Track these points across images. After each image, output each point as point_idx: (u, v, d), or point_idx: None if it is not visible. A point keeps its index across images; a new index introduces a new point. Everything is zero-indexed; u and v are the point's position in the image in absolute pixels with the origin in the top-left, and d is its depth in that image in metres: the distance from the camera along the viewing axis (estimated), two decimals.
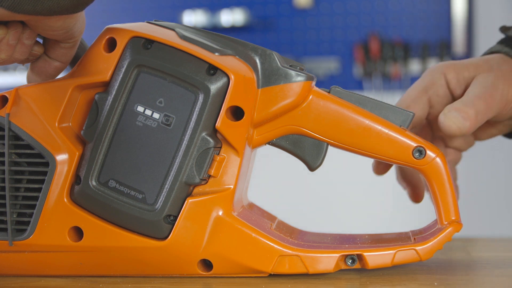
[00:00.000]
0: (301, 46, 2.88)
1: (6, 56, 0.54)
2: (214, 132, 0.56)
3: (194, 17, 2.93)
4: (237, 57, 0.57)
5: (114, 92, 0.56)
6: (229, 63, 0.55)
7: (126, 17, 2.98)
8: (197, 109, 0.55)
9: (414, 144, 0.57)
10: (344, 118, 0.58)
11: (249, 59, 0.57)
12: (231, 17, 2.89)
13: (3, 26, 0.53)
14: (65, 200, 0.57)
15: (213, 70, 0.55)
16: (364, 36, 2.81)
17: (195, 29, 0.58)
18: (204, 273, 0.57)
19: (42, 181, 0.57)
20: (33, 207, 0.57)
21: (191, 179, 0.55)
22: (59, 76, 0.60)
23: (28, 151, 0.57)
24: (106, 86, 0.57)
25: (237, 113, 0.56)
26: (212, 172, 0.56)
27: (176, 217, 0.56)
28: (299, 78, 0.57)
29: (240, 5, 2.90)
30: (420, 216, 0.86)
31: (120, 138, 0.56)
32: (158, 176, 0.55)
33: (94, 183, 0.56)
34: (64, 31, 0.54)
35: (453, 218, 0.57)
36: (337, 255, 0.57)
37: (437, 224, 0.58)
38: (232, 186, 0.56)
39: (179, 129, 0.55)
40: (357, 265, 0.57)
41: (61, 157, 0.57)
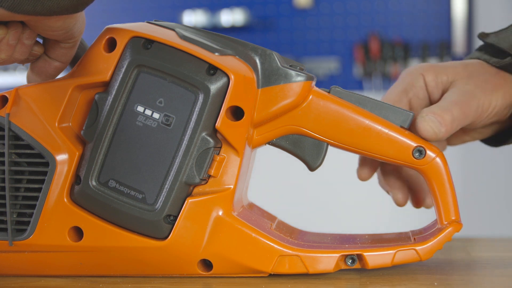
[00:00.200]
0: (301, 46, 2.88)
1: (6, 56, 0.54)
2: (214, 132, 0.56)
3: (194, 17, 2.93)
4: (237, 57, 0.57)
5: (114, 92, 0.56)
6: (229, 63, 0.55)
7: (126, 17, 2.98)
8: (197, 109, 0.55)
9: (414, 144, 0.57)
10: (344, 118, 0.58)
11: (249, 59, 0.57)
12: (231, 17, 2.90)
13: (3, 26, 0.53)
14: (65, 200, 0.57)
15: (213, 70, 0.55)
16: (364, 36, 2.81)
17: (195, 29, 0.58)
18: (204, 273, 0.57)
19: (42, 181, 0.57)
20: (33, 207, 0.57)
21: (191, 179, 0.55)
22: (59, 76, 0.60)
23: (28, 151, 0.57)
24: (106, 86, 0.57)
25: (237, 113, 0.56)
26: (212, 172, 0.56)
27: (176, 217, 0.56)
28: (299, 78, 0.56)
29: (240, 5, 2.91)
30: (420, 216, 0.86)
31: (120, 138, 0.56)
32: (158, 176, 0.55)
33: (94, 183, 0.56)
34: (64, 31, 0.54)
35: (453, 218, 0.57)
36: (337, 255, 0.57)
37: (437, 224, 0.58)
38: (232, 186, 0.56)
39: (179, 129, 0.55)
40: (357, 265, 0.57)
41: (61, 157, 0.57)
